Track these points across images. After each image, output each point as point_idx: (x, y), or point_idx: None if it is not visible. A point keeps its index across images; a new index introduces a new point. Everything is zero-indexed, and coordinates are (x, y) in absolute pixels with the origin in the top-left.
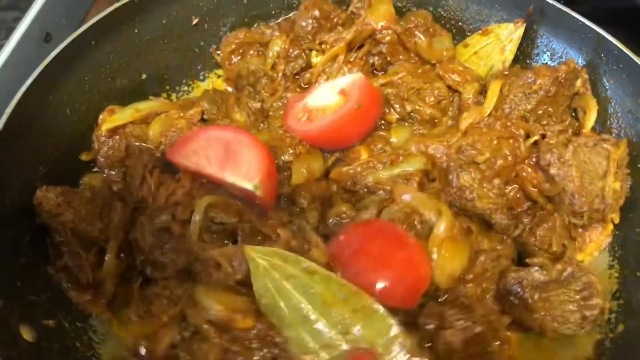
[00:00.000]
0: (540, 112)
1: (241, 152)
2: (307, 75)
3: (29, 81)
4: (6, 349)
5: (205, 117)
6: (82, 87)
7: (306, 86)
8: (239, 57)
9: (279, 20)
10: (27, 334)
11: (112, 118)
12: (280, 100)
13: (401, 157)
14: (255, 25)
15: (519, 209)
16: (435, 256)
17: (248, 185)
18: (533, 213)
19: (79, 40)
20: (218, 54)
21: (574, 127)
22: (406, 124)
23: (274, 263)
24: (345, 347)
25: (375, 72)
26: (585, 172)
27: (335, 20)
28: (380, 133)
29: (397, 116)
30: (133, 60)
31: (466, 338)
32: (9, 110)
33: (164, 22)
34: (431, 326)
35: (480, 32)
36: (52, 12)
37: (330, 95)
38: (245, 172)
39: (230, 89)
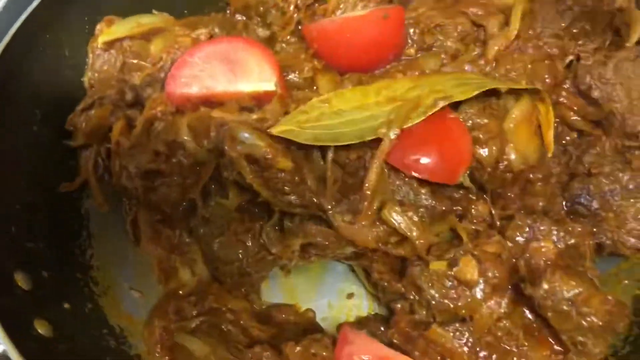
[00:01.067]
0: (575, 30)
1: (245, 58)
2: (322, 7)
3: (22, 17)
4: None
5: None
6: (81, 26)
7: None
8: None
9: None
10: (22, 281)
11: (110, 30)
12: (292, 36)
13: None
14: None
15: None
16: (511, 133)
17: (269, 86)
18: (580, 143)
19: None
20: None
21: (615, 45)
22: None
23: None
24: None
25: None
26: (633, 88)
27: None
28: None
29: (417, 48)
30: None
31: (560, 251)
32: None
33: None
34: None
35: None
36: None
37: (357, 12)
38: (259, 76)
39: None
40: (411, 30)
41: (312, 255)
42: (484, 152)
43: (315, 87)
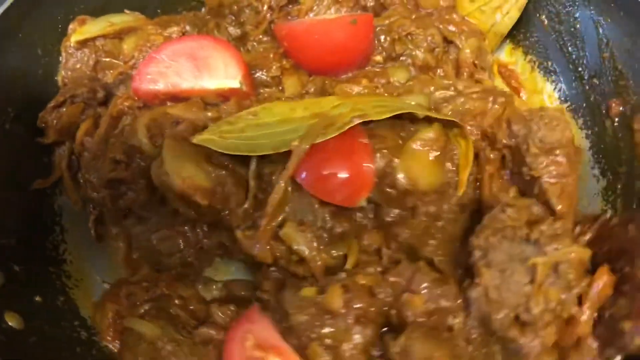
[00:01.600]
0: None
1: (211, 56)
2: (296, 8)
3: None
4: None
5: None
6: (53, 25)
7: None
8: None
9: None
10: None
11: (83, 29)
12: (265, 35)
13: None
14: None
15: None
16: (408, 152)
17: (234, 84)
18: None
19: None
20: None
21: None
22: (399, 65)
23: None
24: None
25: None
26: None
27: None
28: (377, 70)
29: (385, 56)
30: None
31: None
32: None
33: None
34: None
35: None
36: None
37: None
38: (224, 73)
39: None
40: (382, 37)
41: (221, 254)
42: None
43: (281, 87)
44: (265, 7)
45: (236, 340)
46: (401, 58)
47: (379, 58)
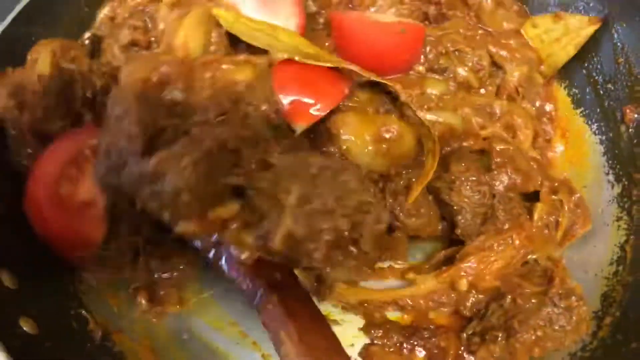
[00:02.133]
0: None
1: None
2: None
3: None
4: None
5: None
6: None
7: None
8: None
9: None
10: (8, 280)
11: None
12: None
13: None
14: None
15: None
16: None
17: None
18: None
19: None
20: None
21: None
22: (440, 77)
23: None
24: None
25: (427, 22)
26: None
27: None
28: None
29: (427, 67)
30: None
31: None
32: None
33: None
34: None
35: (552, 14)
36: None
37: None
38: (284, 22)
39: None
40: (428, 48)
41: None
42: None
43: None
44: None
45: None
46: (444, 74)
47: (421, 68)
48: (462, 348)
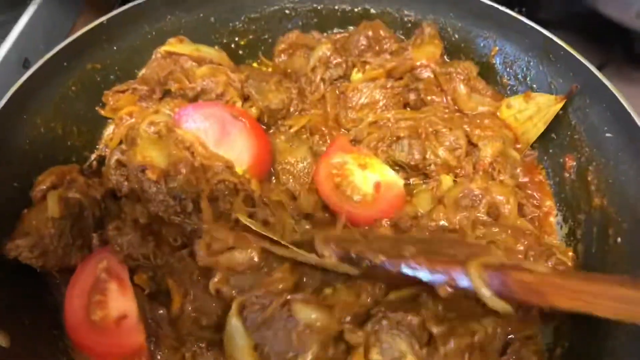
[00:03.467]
0: None
1: (235, 135)
2: (345, 84)
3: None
4: None
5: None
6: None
7: (341, 95)
8: (286, 57)
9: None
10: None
11: (176, 44)
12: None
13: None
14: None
15: None
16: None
17: (238, 170)
18: None
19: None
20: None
21: None
22: (423, 185)
23: None
24: None
25: (407, 107)
26: None
27: (386, 46)
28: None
29: (410, 162)
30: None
31: None
32: None
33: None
34: None
35: (523, 95)
36: (30, 39)
37: (364, 182)
38: (237, 156)
39: None
40: (407, 136)
41: None
42: None
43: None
44: (318, 78)
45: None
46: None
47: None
48: None
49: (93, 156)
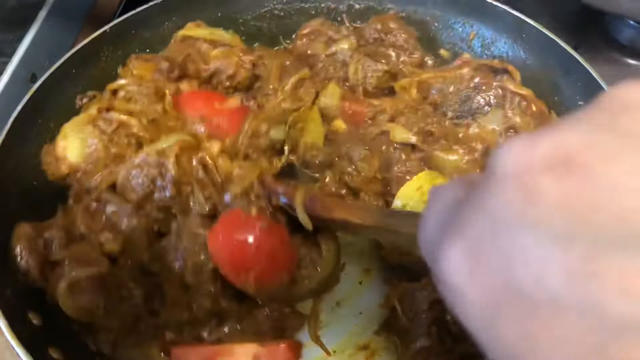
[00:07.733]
0: None
1: None
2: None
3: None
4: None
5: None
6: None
7: None
8: (307, 41)
9: None
10: (34, 318)
11: (192, 29)
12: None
13: None
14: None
15: None
16: None
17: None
18: None
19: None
20: None
21: None
22: None
23: None
24: None
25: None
26: None
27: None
28: None
29: None
30: None
31: None
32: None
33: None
34: None
35: None
36: (36, 56)
37: None
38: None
39: None
40: None
41: None
42: None
43: None
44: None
45: None
46: None
47: None
48: None
49: None
